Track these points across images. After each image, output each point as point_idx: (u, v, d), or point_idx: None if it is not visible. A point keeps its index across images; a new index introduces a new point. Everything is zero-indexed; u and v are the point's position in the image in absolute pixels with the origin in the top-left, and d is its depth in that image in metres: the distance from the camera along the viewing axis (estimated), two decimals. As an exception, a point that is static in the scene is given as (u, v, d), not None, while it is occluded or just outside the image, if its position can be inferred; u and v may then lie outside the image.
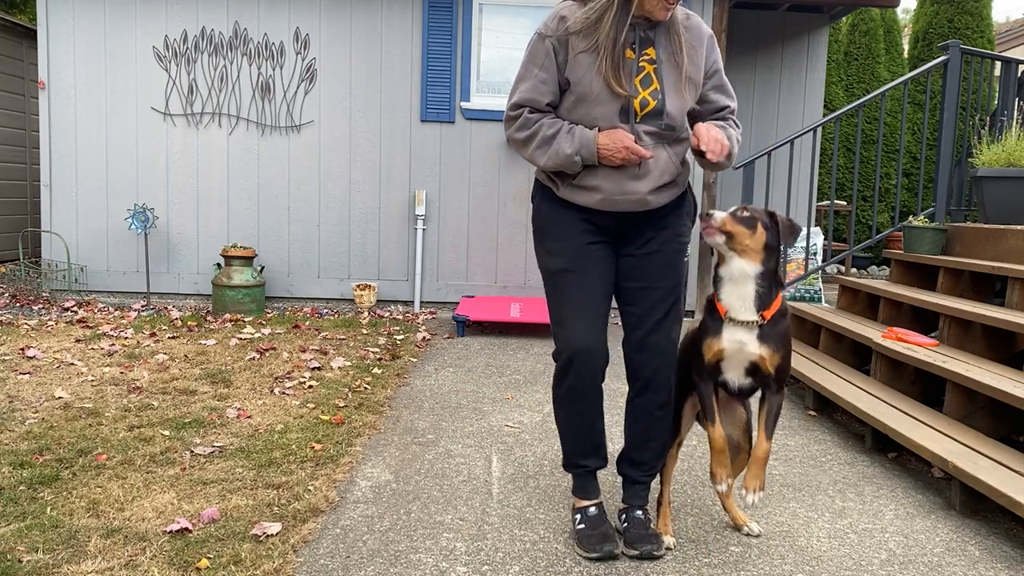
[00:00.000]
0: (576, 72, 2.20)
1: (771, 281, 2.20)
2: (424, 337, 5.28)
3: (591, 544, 2.29)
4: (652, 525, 2.40)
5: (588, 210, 2.29)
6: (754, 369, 2.25)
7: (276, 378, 4.10)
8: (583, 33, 2.18)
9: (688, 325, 2.41)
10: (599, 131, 2.21)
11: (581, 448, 2.39)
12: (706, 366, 2.29)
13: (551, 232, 2.34)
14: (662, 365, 2.35)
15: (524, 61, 2.27)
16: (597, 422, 2.39)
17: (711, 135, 2.19)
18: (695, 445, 3.26)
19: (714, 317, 2.26)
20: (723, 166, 2.27)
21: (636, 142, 2.20)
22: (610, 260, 2.35)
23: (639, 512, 2.41)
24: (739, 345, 2.23)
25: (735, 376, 2.29)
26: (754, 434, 2.38)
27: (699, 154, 2.23)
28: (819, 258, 7.22)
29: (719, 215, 2.18)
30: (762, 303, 2.20)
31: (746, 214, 2.19)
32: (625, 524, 2.39)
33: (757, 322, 2.20)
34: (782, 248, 2.20)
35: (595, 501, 2.41)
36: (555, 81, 2.24)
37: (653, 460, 2.43)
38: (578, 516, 2.38)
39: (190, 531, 2.32)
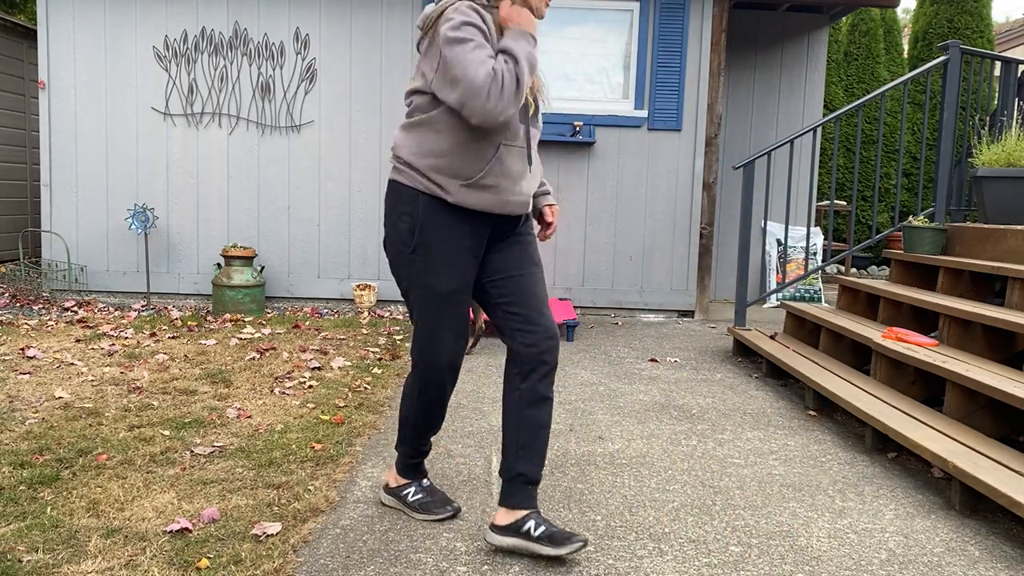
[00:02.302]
0: None
1: None
2: (424, 337, 5.28)
3: (437, 507, 2.45)
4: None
5: (474, 219, 2.22)
6: None
7: (276, 378, 4.10)
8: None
9: (688, 325, 2.41)
10: (501, 15, 2.16)
11: (431, 429, 2.48)
12: None
13: (440, 248, 2.20)
14: (554, 346, 2.27)
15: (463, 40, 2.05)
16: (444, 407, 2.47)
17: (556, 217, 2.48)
18: (695, 445, 3.26)
19: None
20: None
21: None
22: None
23: (540, 513, 2.27)
24: None
25: None
26: None
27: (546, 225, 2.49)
28: (819, 258, 7.23)
29: None
30: None
31: None
32: (542, 528, 2.18)
33: None
34: None
35: (425, 474, 2.57)
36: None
37: (544, 451, 2.29)
38: (412, 489, 2.50)
39: (190, 531, 2.32)
